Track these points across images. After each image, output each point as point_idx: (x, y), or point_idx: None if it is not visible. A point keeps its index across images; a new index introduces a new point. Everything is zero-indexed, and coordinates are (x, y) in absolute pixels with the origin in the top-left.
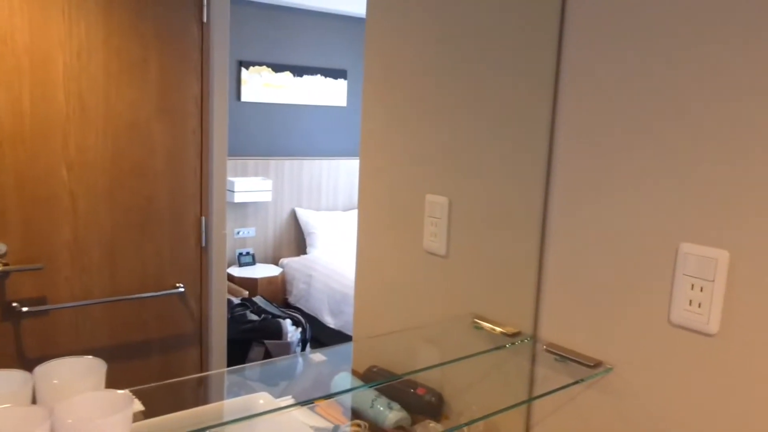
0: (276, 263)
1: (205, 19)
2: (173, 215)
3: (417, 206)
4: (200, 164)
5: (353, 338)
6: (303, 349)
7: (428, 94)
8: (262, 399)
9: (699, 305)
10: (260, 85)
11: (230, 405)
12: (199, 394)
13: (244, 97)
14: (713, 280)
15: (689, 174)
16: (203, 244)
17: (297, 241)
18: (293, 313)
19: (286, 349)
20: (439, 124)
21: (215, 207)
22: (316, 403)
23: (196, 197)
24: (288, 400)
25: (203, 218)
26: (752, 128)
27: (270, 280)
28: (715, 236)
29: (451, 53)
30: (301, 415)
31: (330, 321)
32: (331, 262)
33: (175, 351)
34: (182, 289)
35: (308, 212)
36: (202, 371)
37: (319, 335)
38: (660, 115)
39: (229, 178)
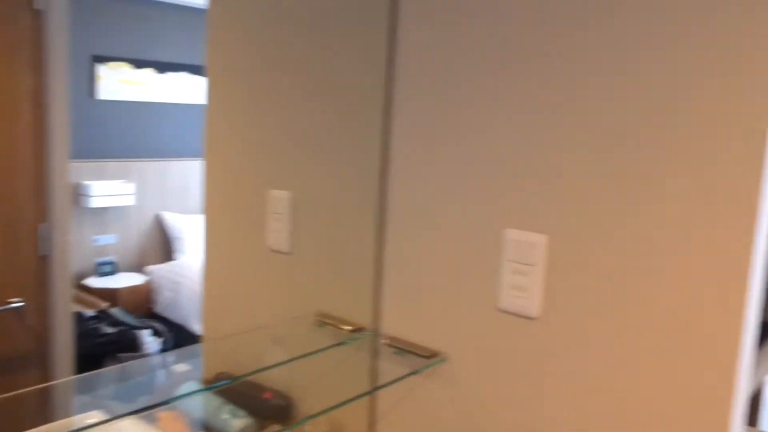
0: (140, 271)
1: (39, 7)
2: (6, 222)
3: (261, 202)
4: (38, 166)
5: (200, 342)
6: (163, 360)
7: (268, 87)
8: (92, 418)
9: (523, 290)
10: (119, 82)
11: (45, 430)
12: (9, 419)
13: (101, 95)
14: (534, 265)
15: (511, 162)
16: (45, 254)
17: (164, 246)
18: (153, 323)
19: (143, 361)
20: (279, 117)
21: (57, 212)
22: (159, 416)
23: (34, 202)
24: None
25: (43, 225)
26: (567, 117)
27: (133, 290)
28: (535, 221)
29: (289, 45)
30: (141, 430)
31: (198, 329)
32: (200, 267)
33: (14, 373)
34: (20, 304)
35: (175, 216)
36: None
37: (186, 344)
38: (482, 108)
39: (85, 182)
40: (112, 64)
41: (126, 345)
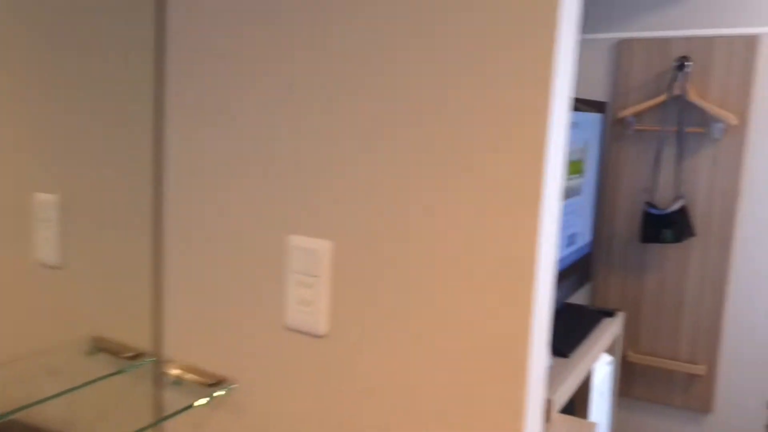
0: None
1: None
2: None
3: (26, 207)
4: None
5: None
6: None
7: (27, 75)
8: None
9: (309, 304)
10: None
11: None
12: None
13: None
14: (319, 276)
15: (290, 158)
16: None
17: None
18: None
19: None
20: (41, 109)
21: None
22: None
23: None
24: None
25: None
26: (339, 109)
27: None
28: (319, 226)
29: (47, 25)
30: None
31: None
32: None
33: None
34: None
35: None
36: None
37: None
38: (253, 98)
39: None
40: None
41: None
